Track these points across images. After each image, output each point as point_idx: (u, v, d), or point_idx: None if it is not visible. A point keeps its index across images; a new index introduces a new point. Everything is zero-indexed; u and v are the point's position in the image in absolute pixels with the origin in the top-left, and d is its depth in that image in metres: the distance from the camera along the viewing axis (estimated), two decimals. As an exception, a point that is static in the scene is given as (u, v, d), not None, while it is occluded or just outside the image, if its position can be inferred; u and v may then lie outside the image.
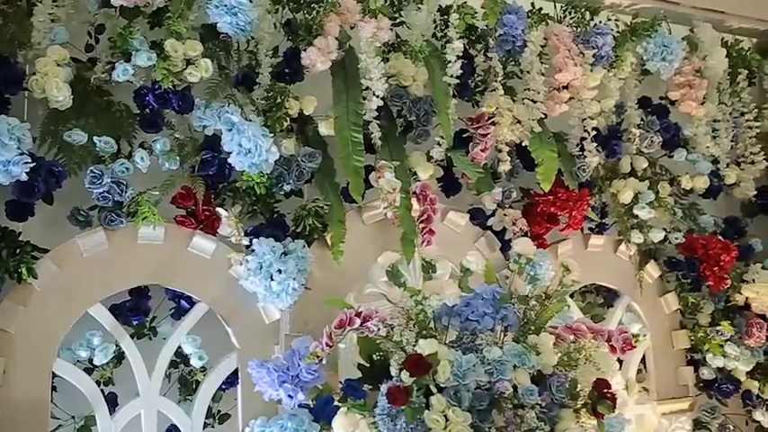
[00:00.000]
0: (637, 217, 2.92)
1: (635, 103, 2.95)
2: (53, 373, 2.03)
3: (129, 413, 2.12)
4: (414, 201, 2.42)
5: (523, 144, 2.63)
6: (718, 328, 2.96)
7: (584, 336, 2.17)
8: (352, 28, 2.43)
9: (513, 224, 2.58)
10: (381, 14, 2.40)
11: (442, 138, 2.47)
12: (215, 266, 2.24)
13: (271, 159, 2.21)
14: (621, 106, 2.94)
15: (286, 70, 2.38)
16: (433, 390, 1.89)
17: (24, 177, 1.95)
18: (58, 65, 2.05)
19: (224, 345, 2.28)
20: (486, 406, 1.94)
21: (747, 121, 3.17)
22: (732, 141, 3.14)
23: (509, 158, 2.58)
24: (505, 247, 2.63)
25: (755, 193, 3.17)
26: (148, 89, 2.16)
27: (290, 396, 1.97)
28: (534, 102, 2.62)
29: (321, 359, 1.95)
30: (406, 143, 2.57)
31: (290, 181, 2.32)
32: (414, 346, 1.97)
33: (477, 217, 2.61)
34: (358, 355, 2.11)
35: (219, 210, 2.23)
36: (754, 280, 3.03)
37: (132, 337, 2.21)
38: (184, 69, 2.18)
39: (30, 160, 1.94)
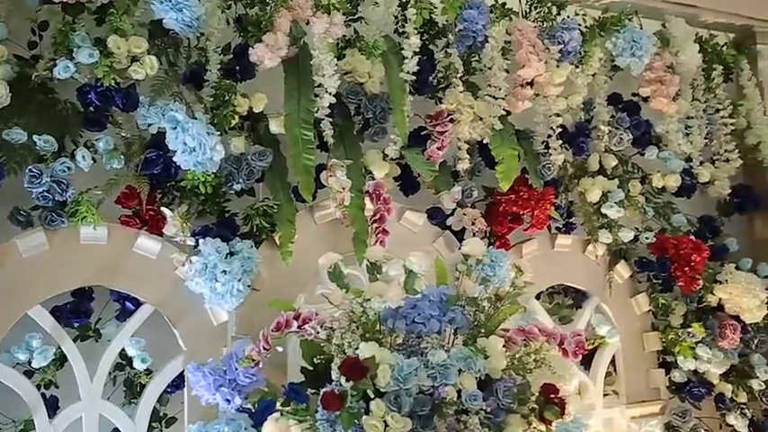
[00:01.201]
0: (606, 216, 2.86)
1: (604, 99, 2.89)
2: (-9, 376, 2.00)
3: (70, 417, 2.08)
4: (367, 200, 2.37)
5: (485, 142, 2.57)
6: (689, 329, 2.89)
7: (536, 339, 2.11)
8: (307, 24, 2.39)
9: (473, 224, 2.52)
10: (335, 10, 2.35)
11: (398, 135, 2.42)
12: (161, 267, 2.20)
13: (216, 158, 2.16)
14: (590, 103, 2.87)
15: (236, 67, 2.33)
16: (371, 394, 1.83)
17: (-40, 176, 1.92)
18: (-3, 62, 2.02)
19: (172, 347, 2.24)
20: (428, 411, 1.89)
21: (722, 118, 3.09)
22: (706, 139, 3.06)
23: (468, 156, 2.52)
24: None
25: (730, 191, 3.10)
26: (91, 87, 2.12)
27: (227, 400, 1.92)
28: (495, 98, 2.56)
29: (258, 363, 1.90)
30: (364, 141, 2.52)
31: (240, 180, 2.28)
32: (356, 349, 1.92)
33: (436, 216, 2.55)
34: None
35: (164, 209, 2.19)
36: (727, 280, 2.95)
37: (76, 339, 2.17)
38: (129, 67, 2.15)
39: (-36, 159, 1.91)
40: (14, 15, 2.13)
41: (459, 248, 2.51)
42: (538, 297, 2.86)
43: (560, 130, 2.69)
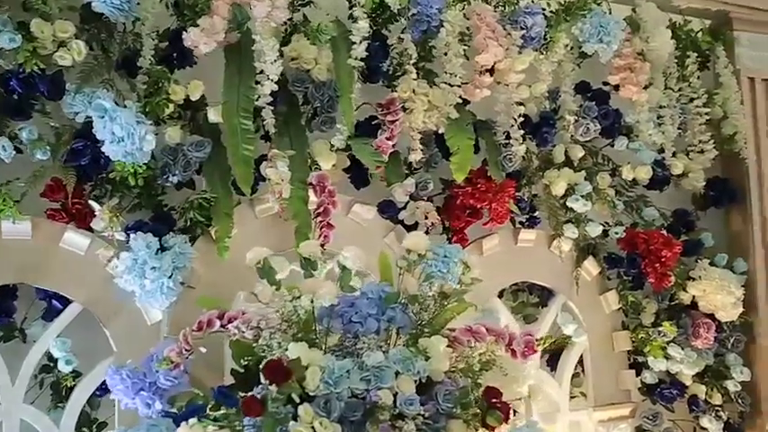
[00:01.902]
0: (572, 210, 2.73)
1: (571, 88, 2.76)
2: None
3: (-12, 422, 1.98)
4: (312, 193, 2.25)
5: (441, 132, 2.45)
6: (660, 328, 2.76)
7: (483, 339, 2.00)
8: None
9: (426, 217, 2.40)
10: (276, -7, 2.23)
11: (345, 125, 2.30)
12: (90, 263, 2.09)
13: (146, 148, 2.05)
14: (556, 92, 2.74)
15: (173, 54, 2.22)
16: (296, 398, 1.72)
17: None
18: None
19: (103, 348, 2.13)
20: (360, 417, 1.78)
21: (696, 107, 2.95)
22: (680, 129, 2.93)
23: (422, 147, 2.40)
24: (419, 242, 2.45)
25: (705, 184, 2.97)
26: (13, 73, 2.01)
27: (147, 404, 1.81)
28: (451, 86, 2.43)
29: (178, 365, 1.78)
30: (313, 131, 2.40)
31: (177, 171, 2.16)
32: (286, 350, 1.81)
33: (387, 210, 2.43)
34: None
35: (92, 203, 2.08)
36: (700, 277, 2.82)
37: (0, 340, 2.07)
38: (55, 52, 2.04)
39: None
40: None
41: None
42: (501, 295, 2.75)
43: (522, 119, 2.57)
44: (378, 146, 2.31)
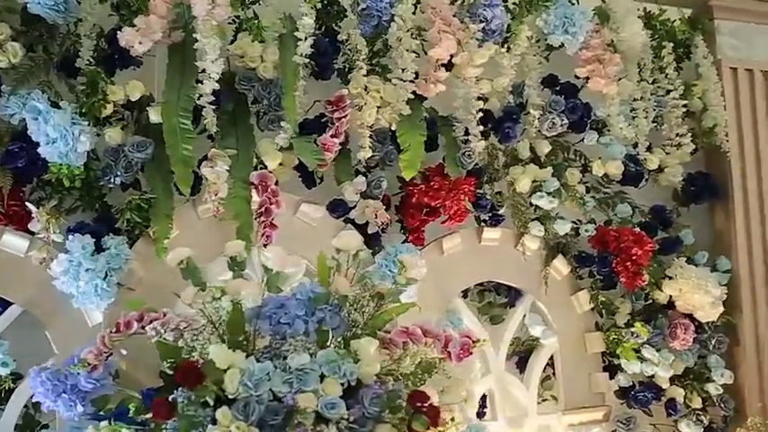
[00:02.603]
0: (540, 208, 2.65)
1: (537, 81, 2.68)
2: None
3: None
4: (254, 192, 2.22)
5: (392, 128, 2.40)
6: (633, 329, 2.66)
7: (419, 341, 1.94)
8: (197, 6, 2.24)
9: (375, 216, 2.34)
10: (220, -10, 2.20)
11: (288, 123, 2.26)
12: (30, 265, 2.08)
13: (80, 149, 2.04)
14: (522, 86, 2.67)
15: (114, 54, 2.20)
16: (210, 401, 1.68)
17: None
18: None
19: (45, 350, 2.12)
20: (281, 421, 1.73)
21: (673, 99, 2.84)
22: (655, 123, 2.82)
23: (370, 145, 2.34)
24: (373, 241, 2.40)
25: (684, 179, 2.85)
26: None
27: (69, 407, 1.79)
28: (403, 81, 2.37)
29: (96, 367, 1.76)
30: (264, 130, 2.37)
31: (118, 172, 2.15)
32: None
33: (337, 209, 2.38)
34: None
35: (29, 204, 2.07)
36: (676, 276, 2.71)
37: (-59, 342, 2.07)
38: (-10, 54, 2.05)
39: None
40: None
41: (368, 243, 2.38)
42: (466, 295, 2.68)
43: (483, 115, 2.50)
44: (323, 143, 2.26)
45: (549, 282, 2.68)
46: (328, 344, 1.91)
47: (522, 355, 2.75)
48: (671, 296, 2.73)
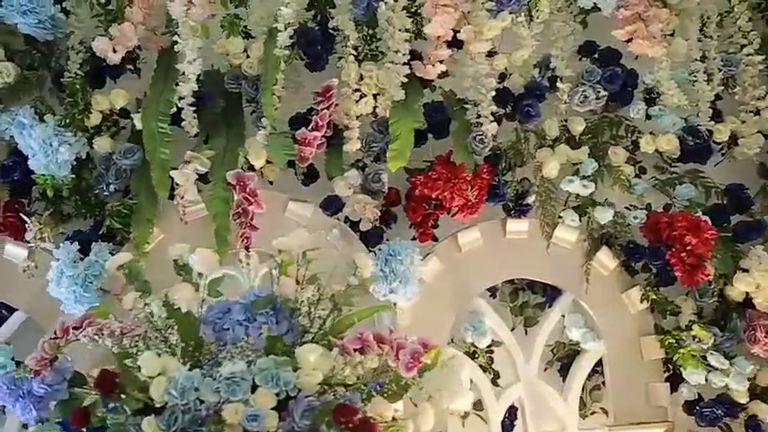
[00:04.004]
0: (579, 195, 2.33)
1: (570, 50, 2.35)
2: None
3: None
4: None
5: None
6: (693, 332, 2.24)
7: (371, 348, 1.76)
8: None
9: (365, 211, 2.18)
10: (196, -11, 2.17)
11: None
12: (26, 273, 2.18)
13: (61, 159, 2.10)
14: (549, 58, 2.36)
15: (104, 65, 2.24)
16: (126, 410, 1.64)
17: None
18: None
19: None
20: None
21: (748, 56, 2.36)
22: (723, 86, 2.36)
23: (359, 135, 2.18)
24: (369, 239, 2.24)
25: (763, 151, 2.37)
26: (-57, 99, 2.18)
27: (26, 411, 1.83)
28: (395, 63, 2.19)
29: (39, 372, 1.78)
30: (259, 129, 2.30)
31: (110, 180, 2.19)
32: (142, 359, 1.74)
33: (330, 206, 2.24)
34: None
35: (22, 215, 2.17)
36: (752, 268, 2.25)
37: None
38: (-14, 76, 2.17)
39: None
40: None
41: (364, 240, 2.24)
42: (494, 295, 2.42)
43: (495, 94, 2.24)
44: (301, 138, 2.14)
45: (593, 278, 2.34)
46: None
47: (564, 361, 2.43)
48: (747, 293, 2.27)
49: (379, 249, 2.16)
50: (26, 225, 2.16)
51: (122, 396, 1.66)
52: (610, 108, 2.44)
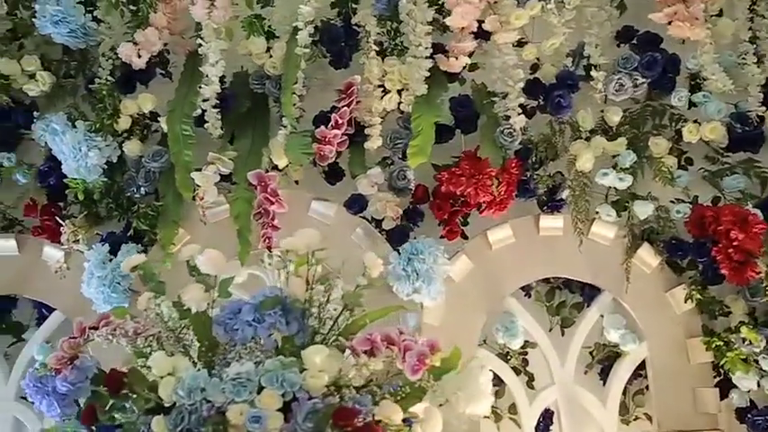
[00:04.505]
0: (615, 189, 2.21)
1: (606, 36, 2.23)
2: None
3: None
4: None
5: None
6: (742, 335, 2.08)
7: (379, 349, 1.71)
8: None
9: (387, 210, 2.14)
10: (218, -9, 2.18)
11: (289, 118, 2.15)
12: (69, 274, 2.25)
13: (90, 163, 2.16)
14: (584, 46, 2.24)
15: (135, 70, 2.29)
16: (134, 409, 1.66)
17: None
18: None
19: (90, 353, 2.28)
20: (210, 432, 1.65)
21: (804, 33, 2.18)
22: (773, 66, 2.18)
23: (379, 132, 2.14)
24: (394, 237, 2.19)
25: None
26: (-10, 109, 2.27)
27: (50, 408, 1.88)
28: (416, 58, 2.13)
29: (59, 370, 1.83)
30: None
31: (140, 183, 2.24)
32: (155, 359, 1.76)
33: (354, 205, 2.20)
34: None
35: (58, 219, 2.24)
36: (808, 265, 2.07)
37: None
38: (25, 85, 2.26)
39: None
40: None
41: (389, 239, 2.20)
42: (528, 294, 2.33)
43: (522, 85, 2.15)
44: (321, 136, 2.11)
45: (634, 276, 2.21)
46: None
47: (605, 364, 2.31)
48: (806, 291, 2.09)
49: (403, 248, 2.11)
50: (61, 228, 2.24)
51: (131, 395, 1.68)
52: (653, 96, 2.31)
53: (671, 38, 2.23)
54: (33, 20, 2.21)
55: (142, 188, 2.24)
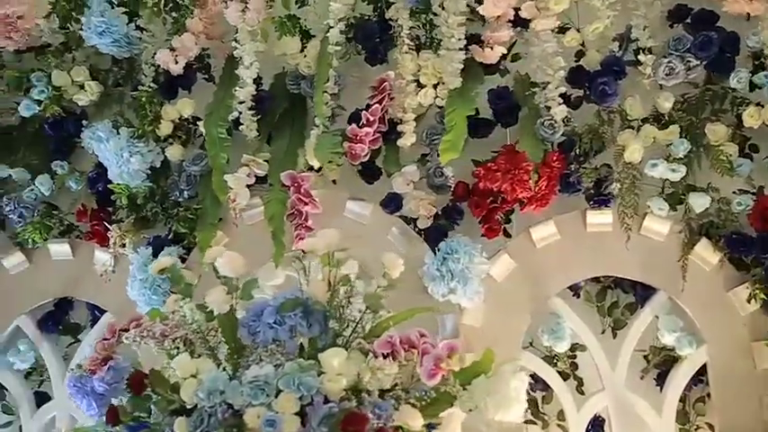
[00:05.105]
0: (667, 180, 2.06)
1: (652, 18, 2.08)
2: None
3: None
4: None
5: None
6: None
7: (398, 353, 1.66)
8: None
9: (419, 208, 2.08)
10: (249, -7, 2.19)
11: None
12: (115, 277, 2.32)
13: (132, 168, 2.21)
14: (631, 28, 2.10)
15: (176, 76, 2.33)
16: (156, 410, 1.68)
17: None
18: None
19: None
20: (228, 435, 1.64)
21: None
22: None
23: (413, 129, 2.08)
24: (431, 236, 2.12)
25: None
26: (44, 119, 2.37)
27: (89, 408, 1.94)
28: (449, 50, 2.06)
29: (94, 371, 1.88)
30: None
31: (182, 186, 2.28)
32: (181, 361, 1.78)
33: (390, 204, 2.15)
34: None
35: (106, 223, 2.31)
36: None
37: (69, 345, 2.45)
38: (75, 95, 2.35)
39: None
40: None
41: (426, 239, 2.14)
42: (577, 294, 2.20)
43: (563, 73, 2.04)
44: (353, 135, 2.08)
45: (692, 274, 2.05)
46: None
47: (662, 369, 2.15)
48: None
49: (438, 248, 2.05)
50: (108, 232, 2.31)
51: (153, 396, 1.70)
52: (714, 79, 2.13)
53: (728, 14, 2.05)
54: (81, 32, 2.30)
55: (185, 192, 2.28)
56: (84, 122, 2.34)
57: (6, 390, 2.45)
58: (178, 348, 1.82)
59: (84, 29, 2.27)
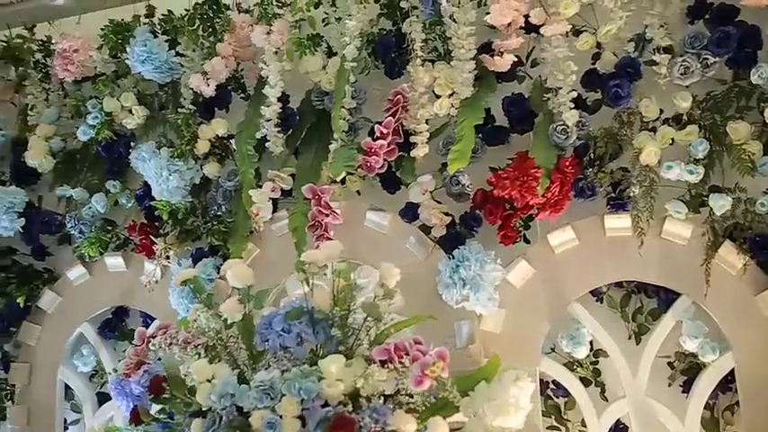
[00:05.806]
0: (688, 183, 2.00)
1: (669, 16, 2.03)
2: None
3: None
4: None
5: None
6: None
7: (393, 360, 1.71)
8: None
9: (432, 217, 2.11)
10: (274, 18, 2.30)
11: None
12: (162, 288, 2.49)
13: (171, 186, 2.37)
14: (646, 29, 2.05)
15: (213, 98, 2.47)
16: (172, 411, 1.81)
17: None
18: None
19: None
20: (235, 436, 1.75)
21: None
22: None
23: (425, 140, 2.12)
24: (447, 244, 2.16)
25: None
26: (97, 142, 2.57)
27: (128, 409, 2.10)
28: (460, 60, 2.09)
29: (128, 375, 2.03)
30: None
31: (219, 201, 2.42)
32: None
33: (408, 213, 2.20)
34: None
35: (152, 237, 2.48)
36: None
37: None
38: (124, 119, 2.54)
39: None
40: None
41: (444, 247, 2.18)
42: (600, 299, 2.18)
43: (573, 77, 2.03)
44: (368, 147, 2.14)
45: (717, 278, 1.99)
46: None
47: (689, 376, 2.09)
48: None
49: (451, 256, 2.08)
50: (154, 246, 2.49)
51: (172, 399, 1.83)
52: (741, 76, 2.05)
53: (749, 9, 1.98)
54: (128, 61, 2.49)
55: (222, 206, 2.42)
56: (132, 144, 2.53)
57: (73, 390, 2.68)
58: (199, 354, 1.95)
59: (129, 58, 2.46)
